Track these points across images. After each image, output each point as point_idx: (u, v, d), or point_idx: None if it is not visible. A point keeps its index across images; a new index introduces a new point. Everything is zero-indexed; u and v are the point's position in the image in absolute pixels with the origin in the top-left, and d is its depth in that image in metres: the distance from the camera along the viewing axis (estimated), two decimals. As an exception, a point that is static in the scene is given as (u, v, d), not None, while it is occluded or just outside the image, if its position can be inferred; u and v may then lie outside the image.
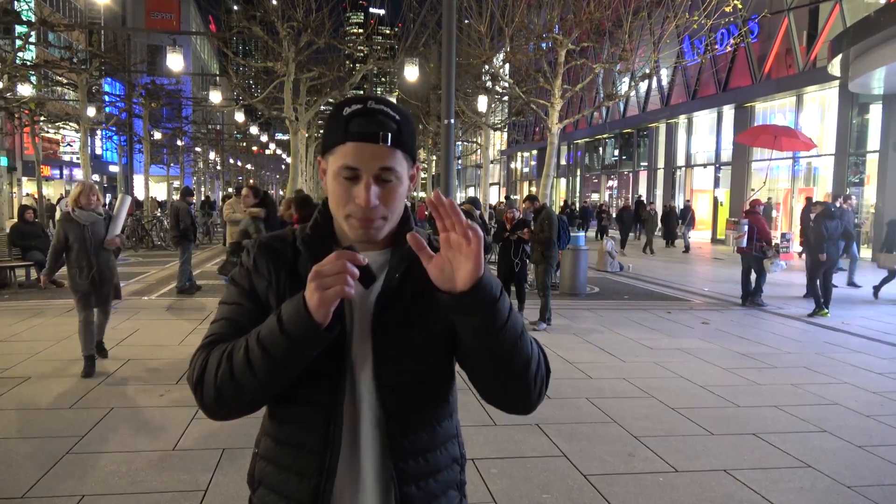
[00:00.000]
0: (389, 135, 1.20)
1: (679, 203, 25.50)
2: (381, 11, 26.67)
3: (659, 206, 26.17)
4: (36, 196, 23.95)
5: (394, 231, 1.29)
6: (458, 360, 1.29)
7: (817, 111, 21.24)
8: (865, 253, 18.58)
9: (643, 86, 29.00)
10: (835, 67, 16.89)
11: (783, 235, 11.97)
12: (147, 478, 3.87)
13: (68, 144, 37.77)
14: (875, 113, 18.74)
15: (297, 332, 1.12)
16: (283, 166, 73.84)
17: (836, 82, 18.43)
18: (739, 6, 13.34)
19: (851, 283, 12.96)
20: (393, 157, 1.21)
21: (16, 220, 11.93)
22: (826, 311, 9.85)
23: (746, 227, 10.54)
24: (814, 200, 14.98)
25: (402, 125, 1.23)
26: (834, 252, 10.07)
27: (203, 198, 37.66)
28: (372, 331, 1.25)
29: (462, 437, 1.41)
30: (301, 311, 1.11)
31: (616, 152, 35.56)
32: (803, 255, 12.71)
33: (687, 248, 21.15)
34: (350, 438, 1.25)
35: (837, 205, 11.30)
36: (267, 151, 64.55)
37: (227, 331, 1.26)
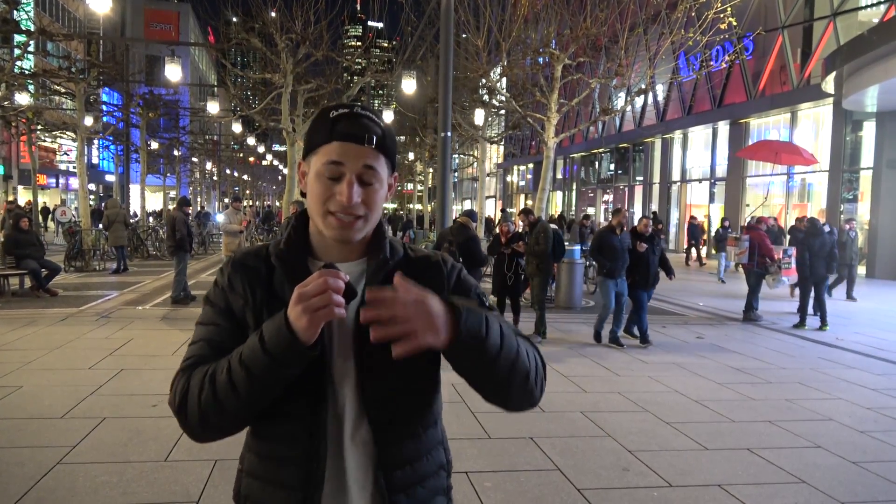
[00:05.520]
0: (375, 137, 1.23)
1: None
2: (380, 25, 26.80)
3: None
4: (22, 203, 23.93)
5: (368, 239, 1.30)
6: (456, 371, 1.27)
7: (811, 128, 21.38)
8: (860, 269, 18.64)
9: (639, 101, 29.13)
10: (829, 85, 17.03)
11: (784, 251, 11.97)
12: (138, 489, 3.84)
13: (65, 153, 37.79)
14: (868, 130, 18.87)
15: (279, 352, 1.12)
16: (280, 177, 73.90)
17: (830, 99, 18.57)
18: (734, 23, 13.43)
19: (850, 297, 13.17)
20: (377, 159, 1.25)
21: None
22: (825, 325, 9.95)
23: (748, 244, 10.57)
24: (799, 216, 15.07)
25: (385, 132, 1.26)
26: (819, 268, 10.04)
27: (199, 208, 37.63)
28: (354, 345, 1.24)
29: (447, 443, 1.41)
30: (283, 330, 1.11)
31: (612, 167, 35.65)
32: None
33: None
34: (335, 450, 1.24)
35: (827, 227, 11.20)
36: (264, 162, 64.57)
37: (206, 352, 1.25)
